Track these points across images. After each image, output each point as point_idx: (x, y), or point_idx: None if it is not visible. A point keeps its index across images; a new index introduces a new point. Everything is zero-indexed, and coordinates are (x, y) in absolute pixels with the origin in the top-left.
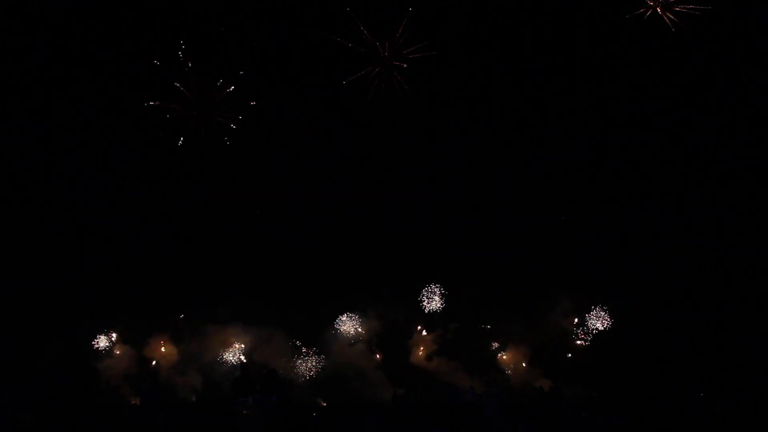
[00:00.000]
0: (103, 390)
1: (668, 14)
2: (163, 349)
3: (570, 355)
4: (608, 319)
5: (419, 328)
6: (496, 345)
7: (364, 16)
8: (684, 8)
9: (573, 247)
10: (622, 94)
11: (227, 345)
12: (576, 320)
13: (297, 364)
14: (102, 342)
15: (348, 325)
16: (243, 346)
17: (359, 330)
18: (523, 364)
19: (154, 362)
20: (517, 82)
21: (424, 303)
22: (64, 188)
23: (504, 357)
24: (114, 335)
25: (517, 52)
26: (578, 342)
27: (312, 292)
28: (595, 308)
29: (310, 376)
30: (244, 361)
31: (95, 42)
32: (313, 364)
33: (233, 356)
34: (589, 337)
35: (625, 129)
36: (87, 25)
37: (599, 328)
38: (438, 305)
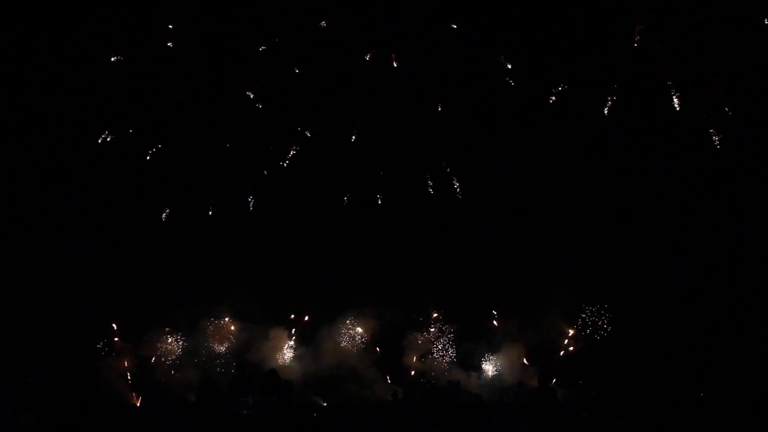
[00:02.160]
0: (103, 389)
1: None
2: (160, 346)
3: (569, 354)
4: (608, 319)
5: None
6: (494, 344)
7: None
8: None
9: (572, 245)
10: (621, 95)
11: (225, 343)
12: (575, 319)
13: (296, 363)
14: (101, 341)
15: (347, 324)
16: (241, 344)
17: (359, 329)
18: (523, 363)
19: (152, 360)
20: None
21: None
22: (61, 186)
23: (503, 356)
24: (112, 333)
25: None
26: (577, 341)
27: (311, 290)
28: (594, 307)
29: (309, 375)
30: (242, 360)
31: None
32: (313, 363)
33: (231, 355)
34: (589, 336)
35: (623, 128)
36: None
37: (598, 328)
38: (436, 304)
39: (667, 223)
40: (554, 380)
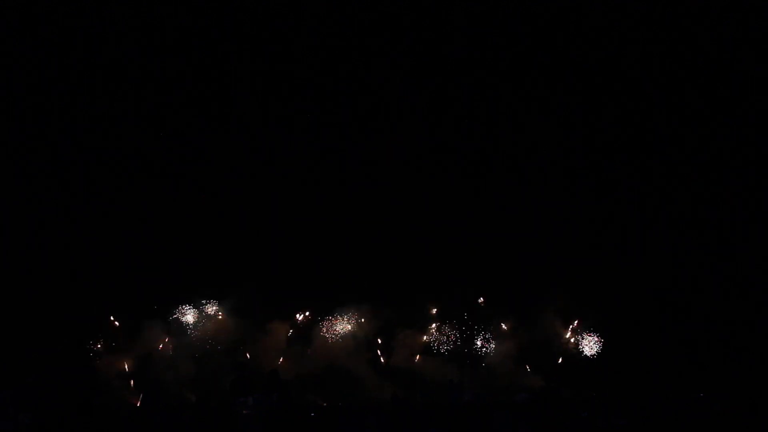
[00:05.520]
0: (103, 389)
1: None
2: (160, 346)
3: (569, 354)
4: (606, 319)
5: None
6: (494, 344)
7: None
8: None
9: (572, 244)
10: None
11: (225, 342)
12: (575, 319)
13: (295, 362)
14: (101, 340)
15: (347, 324)
16: (241, 343)
17: (359, 329)
18: (523, 362)
19: (151, 360)
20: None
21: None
22: (60, 185)
23: (503, 356)
24: (112, 332)
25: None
26: (577, 341)
27: (311, 289)
28: (592, 307)
29: (308, 375)
30: (242, 360)
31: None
32: (312, 362)
33: (231, 354)
34: (587, 336)
35: (621, 128)
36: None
37: (597, 328)
38: (436, 303)
39: (667, 222)
40: (554, 380)
